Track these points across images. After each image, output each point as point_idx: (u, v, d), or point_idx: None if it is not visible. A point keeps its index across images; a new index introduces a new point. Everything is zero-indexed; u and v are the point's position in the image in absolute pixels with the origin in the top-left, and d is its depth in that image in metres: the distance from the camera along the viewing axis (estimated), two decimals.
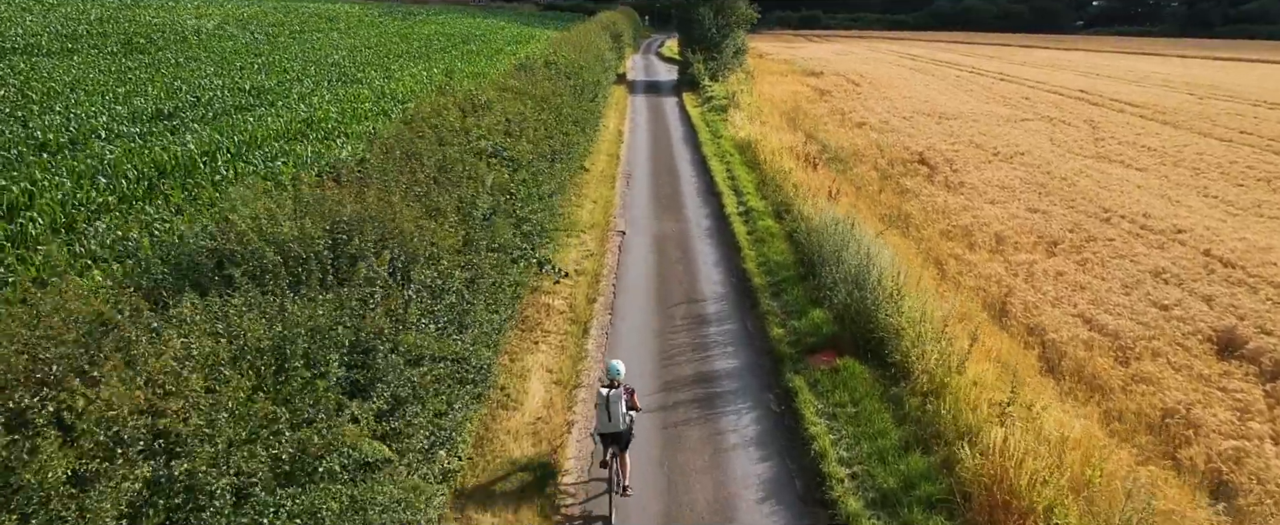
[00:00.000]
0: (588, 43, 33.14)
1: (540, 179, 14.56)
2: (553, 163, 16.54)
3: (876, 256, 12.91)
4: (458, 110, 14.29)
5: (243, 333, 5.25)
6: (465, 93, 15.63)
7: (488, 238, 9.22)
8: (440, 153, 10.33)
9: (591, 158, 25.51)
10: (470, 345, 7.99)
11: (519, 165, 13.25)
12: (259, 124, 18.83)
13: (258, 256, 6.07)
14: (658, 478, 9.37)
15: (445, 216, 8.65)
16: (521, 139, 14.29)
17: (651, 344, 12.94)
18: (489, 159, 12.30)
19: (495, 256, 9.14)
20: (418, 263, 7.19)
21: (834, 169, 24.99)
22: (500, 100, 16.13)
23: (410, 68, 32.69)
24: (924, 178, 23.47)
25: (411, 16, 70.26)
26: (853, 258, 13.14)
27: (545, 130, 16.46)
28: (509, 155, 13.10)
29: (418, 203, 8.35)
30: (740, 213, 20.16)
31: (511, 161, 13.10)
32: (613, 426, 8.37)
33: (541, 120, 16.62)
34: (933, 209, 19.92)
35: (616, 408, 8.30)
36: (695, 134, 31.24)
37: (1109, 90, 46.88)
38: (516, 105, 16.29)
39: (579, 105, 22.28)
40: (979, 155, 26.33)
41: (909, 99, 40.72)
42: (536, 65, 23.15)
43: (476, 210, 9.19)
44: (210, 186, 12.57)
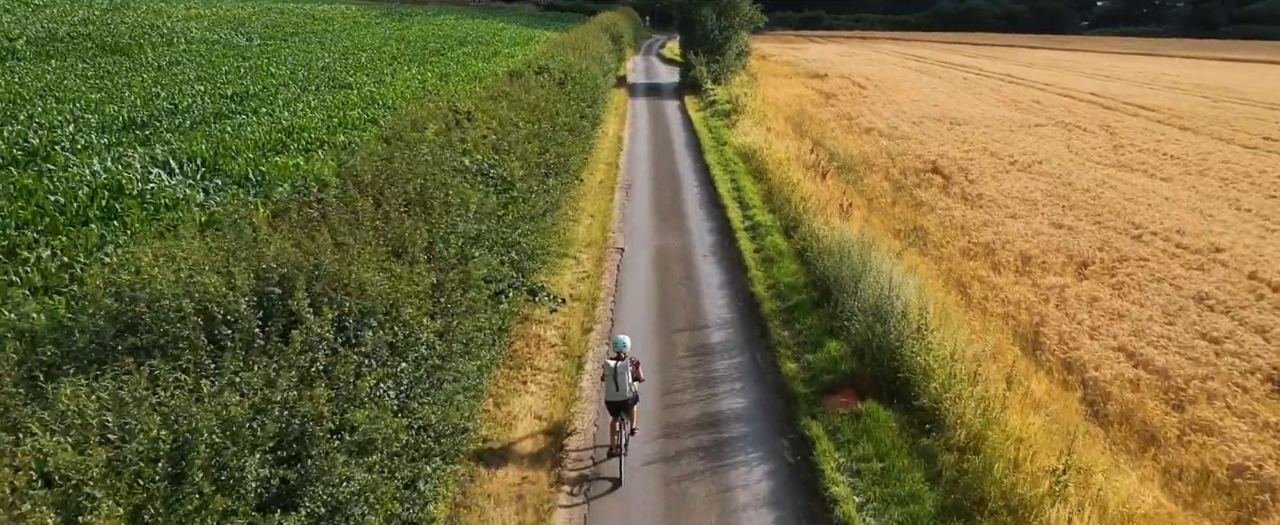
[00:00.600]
0: (586, 46, 32.02)
1: (533, 197, 13.44)
2: (547, 178, 15.41)
3: (899, 285, 11.77)
4: (442, 123, 13.17)
5: (136, 430, 4.11)
6: (451, 103, 14.50)
7: (465, 275, 8.07)
8: (418, 175, 9.20)
9: (589, 167, 24.38)
10: (443, 404, 6.87)
11: (509, 184, 12.13)
12: (237, 134, 17.72)
13: (170, 321, 4.94)
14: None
15: (414, 255, 7.52)
16: (512, 154, 13.16)
17: (653, 379, 11.80)
18: (475, 179, 11.18)
19: (474, 296, 8.00)
20: (375, 317, 6.04)
21: (844, 179, 23.83)
22: (490, 110, 15.00)
23: (403, 72, 31.58)
24: (939, 189, 22.32)
25: (408, 17, 69.13)
26: (872, 287, 12.00)
27: (539, 143, 15.33)
28: (498, 173, 11.98)
29: (381, 240, 7.21)
30: (746, 228, 19.02)
31: (501, 181, 11.97)
32: (620, 395, 9.29)
33: (535, 132, 15.50)
34: (951, 224, 18.77)
35: (624, 378, 9.23)
36: (698, 140, 30.10)
37: (1121, 93, 45.72)
38: (508, 116, 15.16)
39: (576, 113, 21.16)
40: (995, 164, 25.17)
41: (917, 103, 39.57)
42: (531, 71, 22.02)
43: (450, 246, 8.05)
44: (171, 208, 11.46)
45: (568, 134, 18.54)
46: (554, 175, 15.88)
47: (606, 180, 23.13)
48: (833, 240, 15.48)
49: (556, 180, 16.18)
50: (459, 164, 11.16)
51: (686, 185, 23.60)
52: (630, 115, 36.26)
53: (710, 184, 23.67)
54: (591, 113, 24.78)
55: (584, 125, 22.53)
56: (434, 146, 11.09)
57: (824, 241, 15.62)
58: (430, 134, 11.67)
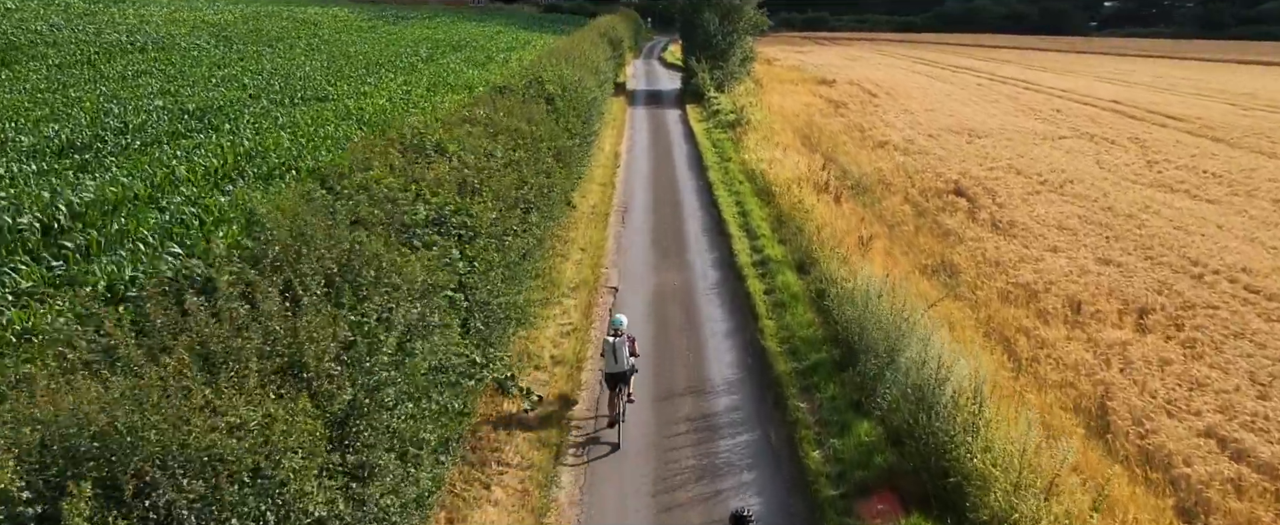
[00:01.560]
0: (581, 55, 30.04)
1: (507, 243, 11.46)
2: (528, 214, 13.43)
3: (942, 358, 9.78)
4: (401, 155, 11.21)
5: None
6: (415, 132, 12.53)
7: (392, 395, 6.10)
8: (341, 243, 7.23)
9: (582, 189, 22.40)
10: None
11: (475, 234, 10.16)
12: (189, 158, 15.77)
13: None
14: None
15: (320, 369, 5.55)
16: (482, 194, 11.19)
17: (645, 468, 9.85)
18: (429, 233, 9.20)
19: (401, 433, 6.03)
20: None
21: (860, 202, 21.84)
22: (462, 139, 13.02)
23: (389, 81, 29.58)
24: (965, 214, 20.31)
25: (402, 20, 67.12)
26: (911, 359, 10.01)
27: (518, 175, 13.36)
28: (461, 221, 10.01)
29: (258, 358, 5.23)
30: (755, 263, 17.03)
31: (464, 231, 10.00)
32: (618, 368, 10.34)
33: (515, 161, 13.52)
34: (984, 258, 16.77)
35: (621, 353, 10.33)
36: (700, 155, 28.11)
37: (1143, 100, 43.67)
38: (482, 145, 13.19)
39: (567, 134, 19.18)
40: (1023, 184, 23.16)
41: (932, 112, 37.55)
42: (518, 85, 20.04)
43: (379, 347, 6.07)
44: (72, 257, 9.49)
45: (554, 161, 16.56)
46: (536, 209, 13.90)
47: (600, 204, 21.14)
48: (854, 284, 13.50)
49: (539, 215, 14.20)
50: (411, 216, 9.19)
51: (688, 209, 21.60)
52: (629, 127, 34.28)
53: (714, 207, 21.69)
54: (585, 131, 22.81)
55: (576, 147, 20.55)
56: (379, 194, 9.11)
57: (844, 285, 13.63)
58: (381, 174, 9.70)
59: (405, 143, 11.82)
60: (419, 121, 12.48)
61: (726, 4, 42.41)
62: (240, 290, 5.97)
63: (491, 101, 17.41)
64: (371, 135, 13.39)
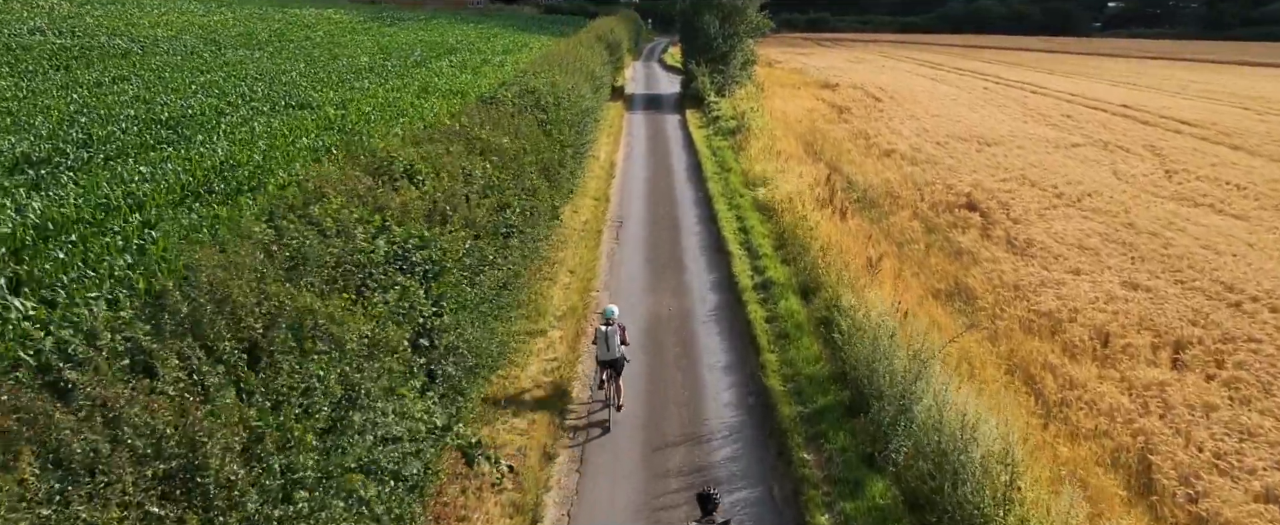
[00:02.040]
0: (577, 60, 28.95)
1: (482, 277, 10.38)
2: (508, 240, 12.35)
3: (957, 406, 8.69)
4: (365, 181, 10.11)
5: None
6: (386, 153, 11.43)
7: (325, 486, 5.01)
8: (276, 294, 6.14)
9: (575, 202, 21.32)
10: None
11: (441, 269, 9.07)
12: (154, 173, 14.69)
13: None
14: None
15: (222, 475, 4.47)
16: (453, 224, 10.11)
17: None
18: (386, 275, 8.12)
19: None
20: None
21: (867, 217, 20.73)
22: (438, 160, 11.92)
23: (378, 86, 28.50)
24: (979, 231, 19.20)
25: (399, 22, 65.95)
26: (927, 407, 8.92)
27: (499, 198, 12.28)
28: (427, 257, 8.92)
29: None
30: (756, 286, 15.93)
31: (431, 266, 8.91)
32: (610, 355, 10.91)
33: (495, 183, 12.44)
34: (1002, 282, 15.66)
35: (613, 341, 10.88)
36: (700, 165, 27.02)
37: (1153, 104, 42.52)
38: (460, 166, 12.09)
39: (557, 149, 18.10)
40: (1038, 198, 22.04)
41: (938, 118, 36.42)
42: (508, 96, 18.93)
43: (296, 451, 4.98)
44: None
45: (542, 178, 15.48)
46: (518, 234, 12.81)
47: (593, 220, 20.03)
48: (863, 315, 12.41)
49: (521, 240, 13.11)
50: (367, 253, 8.10)
51: (686, 225, 20.50)
52: (626, 134, 33.18)
53: (713, 221, 20.60)
54: (579, 142, 21.73)
55: (568, 160, 19.47)
56: (332, 230, 8.02)
57: (852, 316, 12.54)
58: (337, 205, 8.59)
59: (371, 166, 10.72)
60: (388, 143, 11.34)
61: (727, 6, 41.32)
62: (125, 366, 4.89)
63: (475, 114, 16.32)
64: (338, 156, 12.27)
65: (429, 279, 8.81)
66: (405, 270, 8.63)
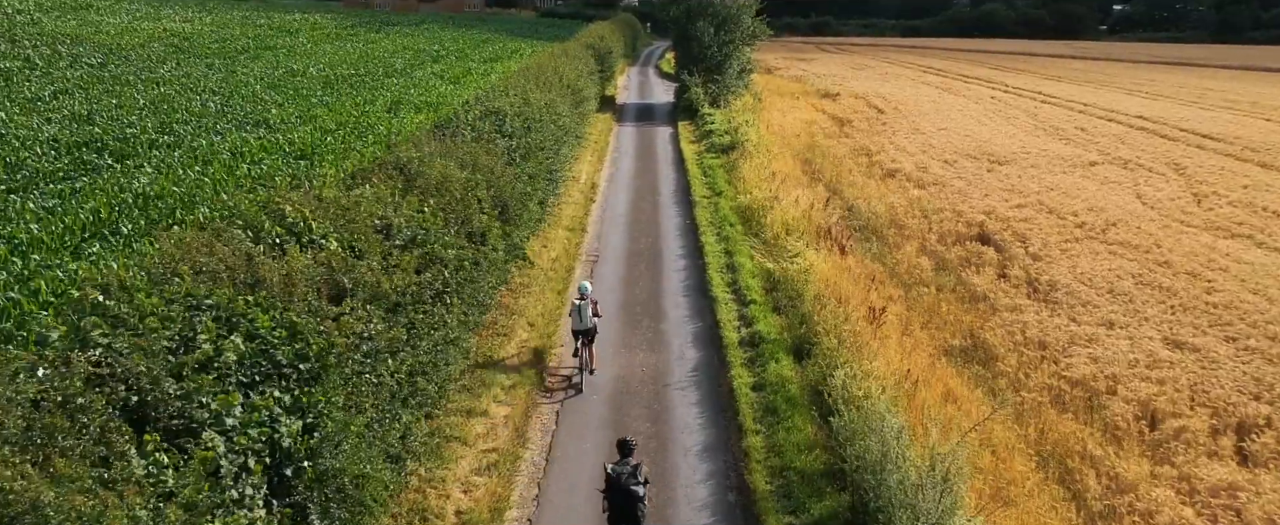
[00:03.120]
0: (558, 72, 26.95)
1: (385, 369, 8.35)
2: (437, 303, 10.32)
3: None
4: (244, 246, 8.10)
5: None
6: (272, 202, 9.39)
7: None
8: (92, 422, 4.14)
9: (546, 234, 19.30)
10: None
11: (322, 370, 7.05)
12: (61, 208, 12.77)
13: None
14: None
15: None
16: (355, 297, 8.11)
17: None
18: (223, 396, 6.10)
19: None
20: None
21: (869, 251, 18.70)
22: (354, 206, 9.91)
23: (348, 99, 26.49)
24: (995, 270, 17.16)
25: (388, 27, 64.05)
26: None
27: (426, 252, 10.28)
28: (296, 353, 6.90)
29: None
30: (743, 341, 13.91)
31: (304, 367, 6.90)
32: (583, 326, 12.18)
33: (422, 236, 10.42)
34: (1025, 338, 13.62)
35: (586, 313, 12.12)
36: (689, 188, 25.00)
37: (1171, 115, 40.43)
38: (377, 213, 10.08)
39: (525, 178, 16.10)
40: (1058, 228, 19.98)
41: (944, 132, 34.37)
42: (468, 117, 16.92)
43: None
44: None
45: (498, 217, 13.47)
46: (454, 293, 10.78)
47: (564, 256, 17.99)
48: (864, 394, 10.40)
49: (460, 298, 11.08)
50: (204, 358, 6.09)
51: (669, 260, 18.45)
52: (613, 151, 31.16)
53: (699, 255, 18.59)
54: (552, 167, 19.70)
55: (537, 190, 17.45)
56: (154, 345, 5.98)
57: (851, 394, 10.52)
58: (151, 302, 6.52)
59: (254, 227, 8.70)
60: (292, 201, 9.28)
61: (723, 12, 39.32)
62: None
63: (424, 142, 14.31)
64: (216, 215, 10.21)
65: (301, 385, 6.81)
66: (269, 375, 6.62)
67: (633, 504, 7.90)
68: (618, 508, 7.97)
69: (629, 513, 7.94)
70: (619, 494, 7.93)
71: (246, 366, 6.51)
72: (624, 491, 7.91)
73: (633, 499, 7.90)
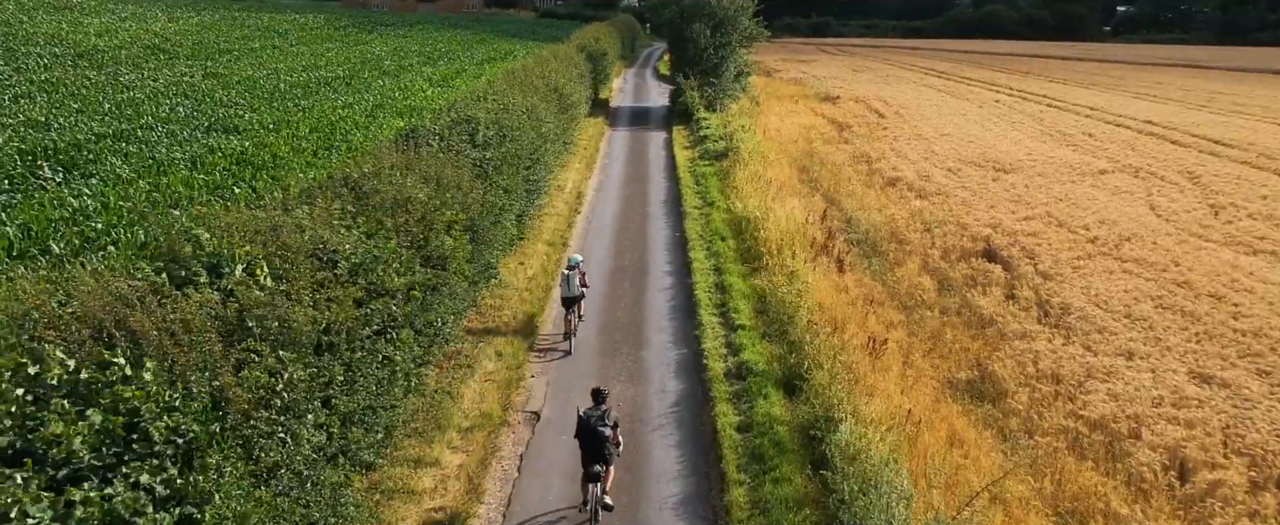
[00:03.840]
0: (545, 76, 25.84)
1: (323, 418, 7.23)
2: (378, 340, 9.20)
3: None
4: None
5: None
6: (179, 236, 8.24)
7: None
8: None
9: (523, 250, 18.18)
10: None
11: (208, 441, 5.92)
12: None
13: None
14: None
15: None
16: (261, 350, 6.99)
17: None
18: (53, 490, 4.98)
19: None
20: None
21: (868, 268, 17.57)
22: (293, 230, 8.78)
23: (326, 104, 25.40)
24: (1002, 291, 16.02)
25: (381, 29, 62.98)
26: None
27: (370, 282, 9.16)
28: (167, 432, 5.75)
29: None
30: (729, 372, 12.77)
31: (181, 441, 5.76)
32: (571, 293, 13.52)
33: (371, 263, 9.31)
34: (1036, 370, 12.49)
35: (573, 282, 13.46)
36: (680, 197, 23.88)
37: (1181, 120, 39.25)
38: (319, 237, 8.96)
39: (499, 192, 14.97)
40: (1068, 242, 18.84)
41: (948, 137, 33.22)
42: (439, 127, 15.78)
43: None
44: None
45: (465, 237, 12.34)
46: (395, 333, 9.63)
47: (542, 274, 16.85)
48: (864, 443, 9.28)
49: (411, 332, 9.95)
50: (44, 442, 4.97)
51: (655, 278, 17.32)
52: (603, 157, 30.04)
53: (688, 272, 17.46)
54: (531, 178, 18.52)
55: (513, 204, 16.30)
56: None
57: (850, 441, 9.40)
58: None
59: (161, 259, 7.58)
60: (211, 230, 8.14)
61: (719, 14, 38.18)
62: None
63: (387, 155, 13.19)
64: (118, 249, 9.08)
65: (178, 464, 5.68)
66: (133, 455, 5.49)
67: (600, 443, 8.82)
68: (588, 448, 8.89)
69: (598, 452, 8.85)
70: (588, 435, 8.85)
71: (102, 447, 5.37)
72: (592, 432, 8.83)
73: (600, 439, 8.81)
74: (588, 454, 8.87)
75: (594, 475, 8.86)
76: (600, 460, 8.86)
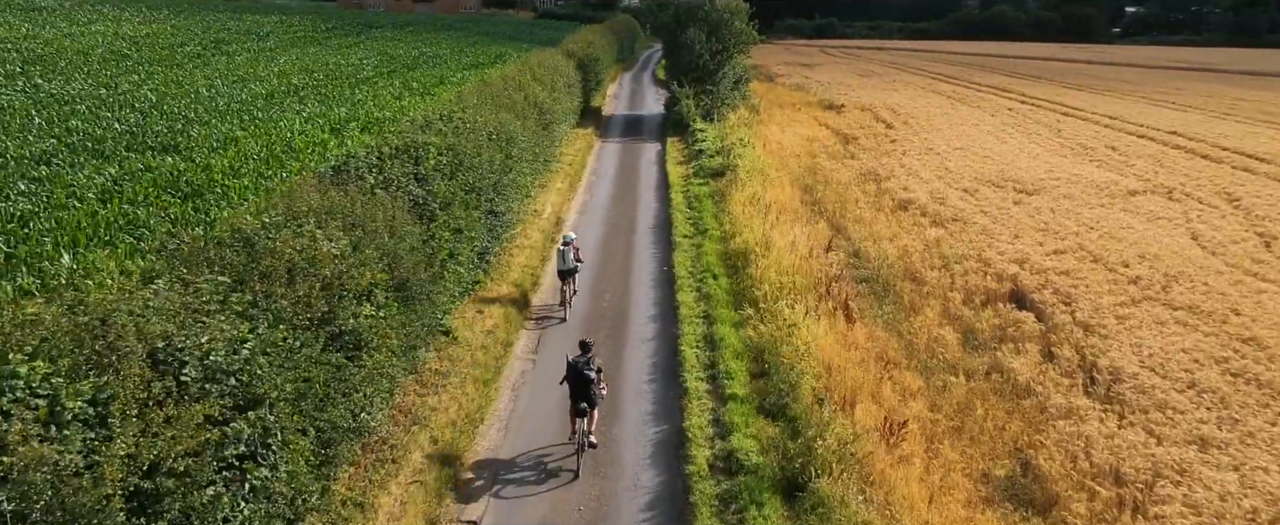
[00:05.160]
0: (524, 90, 23.60)
1: None
2: (241, 468, 6.96)
3: None
4: None
5: None
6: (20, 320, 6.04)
7: None
8: None
9: (488, 291, 15.90)
10: None
11: None
12: None
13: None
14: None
15: None
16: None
17: None
18: None
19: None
20: None
21: (880, 316, 15.29)
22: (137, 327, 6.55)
23: (287, 116, 23.13)
24: (1038, 347, 13.75)
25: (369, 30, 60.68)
26: None
27: (268, 368, 6.94)
28: None
29: None
30: (716, 463, 10.51)
31: None
32: (567, 266, 14.90)
33: (272, 347, 7.08)
34: (1089, 464, 10.21)
35: (568, 257, 14.81)
36: (671, 221, 21.63)
37: (1207, 130, 36.87)
38: (152, 330, 6.72)
39: (447, 234, 12.72)
40: (1108, 283, 16.55)
41: (961, 152, 30.91)
42: (367, 161, 13.43)
43: None
44: None
45: (393, 301, 10.08)
46: (268, 456, 7.39)
47: (504, 326, 14.52)
48: None
49: (291, 450, 7.70)
50: None
51: (636, 330, 15.00)
52: (590, 174, 27.78)
53: (675, 319, 15.22)
54: (494, 211, 16.21)
55: (466, 245, 14.04)
56: None
57: None
58: None
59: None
60: None
61: (715, 17, 35.92)
62: None
63: (305, 194, 10.94)
64: None
65: None
66: None
67: (587, 385, 10.21)
68: (576, 389, 10.27)
69: (584, 392, 10.22)
70: (577, 378, 10.22)
71: None
72: (580, 375, 10.20)
73: (587, 381, 10.20)
74: (576, 394, 10.28)
75: (582, 411, 10.27)
76: (586, 400, 10.24)
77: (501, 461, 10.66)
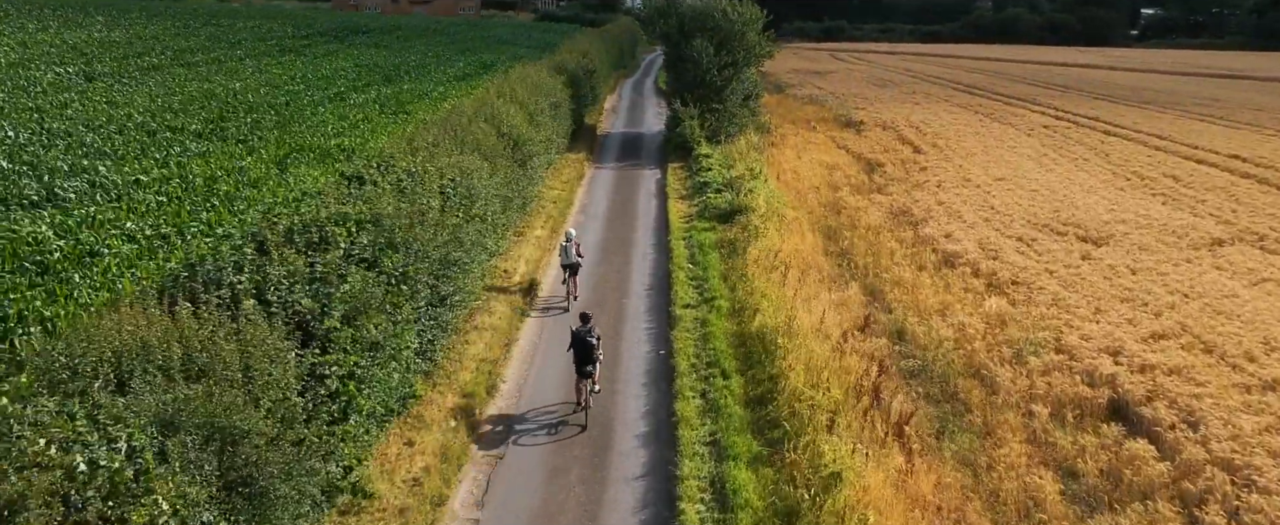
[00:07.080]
0: (496, 120, 19.88)
1: None
2: None
3: None
4: None
5: None
6: None
7: None
8: None
9: (424, 413, 12.14)
10: None
11: None
12: None
13: None
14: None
15: None
16: None
17: None
18: None
19: None
20: None
21: (948, 449, 11.52)
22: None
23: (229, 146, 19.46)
24: (1169, 498, 9.98)
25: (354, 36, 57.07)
26: None
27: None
28: None
29: None
30: None
31: None
32: (570, 261, 16.01)
33: None
34: None
35: (571, 252, 15.86)
36: (670, 277, 17.92)
37: (1272, 156, 32.96)
38: None
39: (359, 350, 9.03)
40: (1238, 388, 12.77)
41: (1004, 184, 27.12)
42: (248, 256, 9.77)
43: None
44: None
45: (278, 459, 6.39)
46: None
47: (437, 469, 10.73)
48: None
49: None
50: None
51: (619, 459, 11.20)
52: (578, 212, 23.99)
53: (671, 441, 11.51)
54: (434, 295, 12.45)
55: (393, 361, 10.33)
56: None
57: None
58: None
59: None
60: None
61: (725, 27, 32.13)
62: None
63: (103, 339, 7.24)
64: None
65: None
66: None
67: (589, 349, 11.79)
68: (579, 354, 11.79)
69: (587, 356, 11.79)
70: (580, 343, 11.75)
71: None
72: (583, 341, 11.76)
73: (589, 347, 11.78)
74: (579, 358, 11.78)
75: (586, 374, 11.80)
76: (589, 363, 11.81)
77: None
